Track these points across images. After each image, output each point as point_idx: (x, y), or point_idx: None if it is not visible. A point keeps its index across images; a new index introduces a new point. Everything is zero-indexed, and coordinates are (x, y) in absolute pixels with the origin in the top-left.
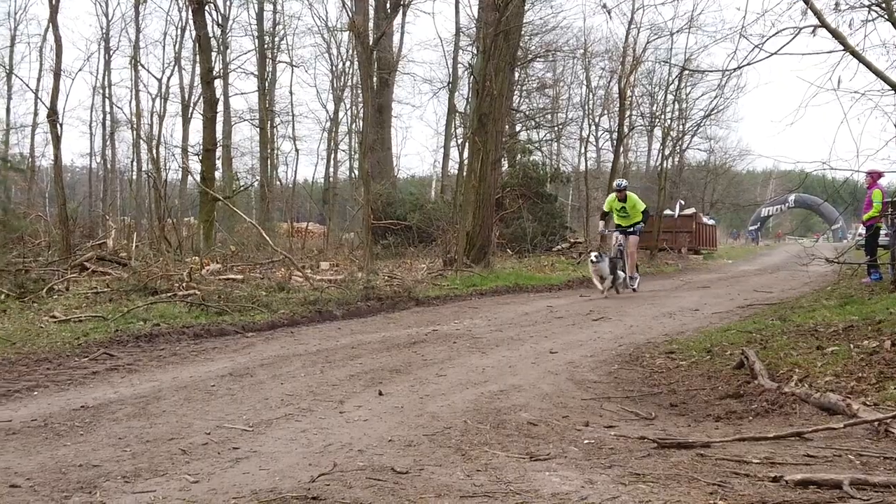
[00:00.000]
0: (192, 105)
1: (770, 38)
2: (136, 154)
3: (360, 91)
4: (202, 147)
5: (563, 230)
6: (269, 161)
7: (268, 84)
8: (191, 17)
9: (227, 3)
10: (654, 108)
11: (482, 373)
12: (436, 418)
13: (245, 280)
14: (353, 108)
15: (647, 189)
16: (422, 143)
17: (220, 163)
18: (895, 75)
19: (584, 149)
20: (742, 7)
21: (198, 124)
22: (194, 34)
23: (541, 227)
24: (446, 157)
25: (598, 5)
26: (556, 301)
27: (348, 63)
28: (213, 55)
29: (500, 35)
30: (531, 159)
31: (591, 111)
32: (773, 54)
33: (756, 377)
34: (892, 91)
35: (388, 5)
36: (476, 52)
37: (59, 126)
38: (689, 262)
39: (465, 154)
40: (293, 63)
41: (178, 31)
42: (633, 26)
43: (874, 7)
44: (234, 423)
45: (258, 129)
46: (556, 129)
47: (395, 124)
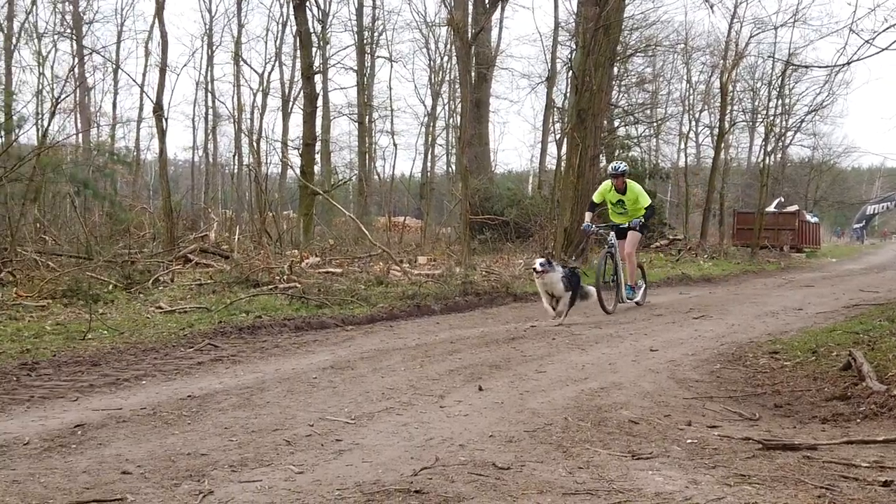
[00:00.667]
0: (292, 100)
1: (881, 32)
2: (237, 148)
3: (458, 86)
4: (302, 141)
5: (662, 227)
6: (368, 155)
7: (366, 79)
8: (292, 13)
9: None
10: (757, 104)
11: (582, 370)
12: (536, 414)
13: (344, 273)
14: (451, 103)
15: (749, 186)
16: (519, 139)
17: (319, 157)
18: None
19: (684, 145)
20: (853, 2)
21: (298, 119)
22: (295, 30)
23: None
24: (544, 152)
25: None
26: (655, 298)
27: (446, 58)
28: (314, 50)
29: (601, 30)
30: (630, 155)
31: (691, 106)
32: (884, 49)
33: (864, 379)
34: None
35: (487, 0)
36: (575, 46)
37: (164, 120)
38: (791, 260)
39: (563, 150)
40: (392, 58)
41: (280, 26)
42: (735, 20)
43: None
44: (336, 415)
45: (357, 123)
46: (656, 124)
47: (492, 119)
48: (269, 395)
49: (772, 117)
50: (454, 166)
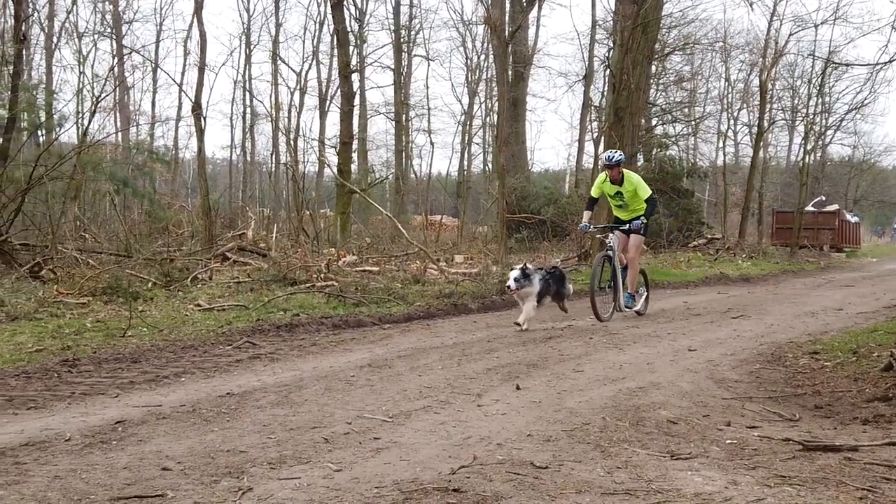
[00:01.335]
0: (330, 98)
1: None
2: (274, 146)
3: (494, 84)
4: (339, 140)
5: (700, 226)
6: (404, 154)
7: (403, 77)
8: (329, 11)
9: None
10: (796, 102)
11: (620, 369)
12: (574, 414)
13: (381, 272)
14: (488, 101)
15: (788, 185)
16: (556, 137)
17: (355, 155)
18: None
19: (722, 143)
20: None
21: (335, 117)
22: (332, 28)
23: (677, 222)
24: (581, 151)
25: None
26: (692, 298)
27: (483, 57)
28: (351, 49)
29: (639, 28)
30: (667, 154)
31: (729, 105)
32: None
33: None
34: None
35: None
36: (613, 45)
37: (202, 119)
38: (830, 259)
39: (601, 148)
40: (429, 57)
41: (317, 25)
42: (775, 18)
43: None
44: (374, 413)
45: (394, 122)
46: (694, 123)
47: (529, 118)
48: (308, 392)
49: (812, 116)
50: (491, 165)
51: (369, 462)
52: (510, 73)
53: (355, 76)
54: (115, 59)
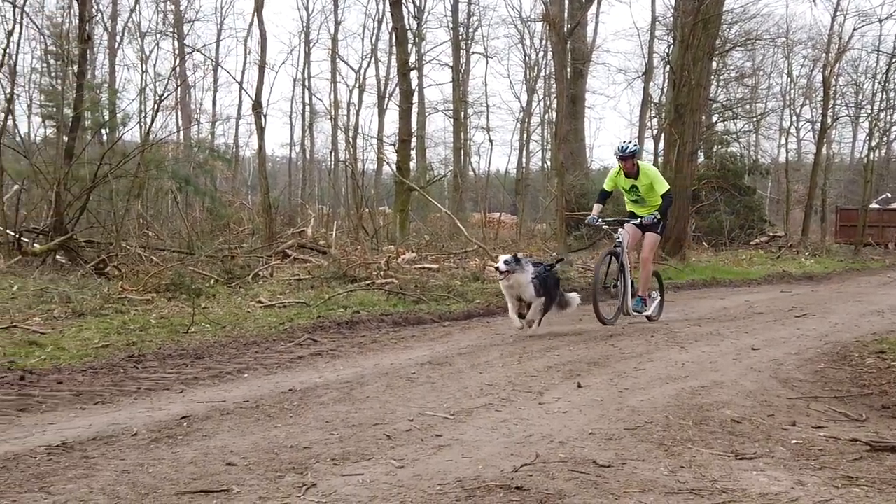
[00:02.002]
0: (388, 96)
1: None
2: (333, 144)
3: (553, 82)
4: (398, 137)
5: (762, 223)
6: (463, 151)
7: (462, 75)
8: (388, 9)
9: None
10: (860, 98)
11: (681, 368)
12: (636, 412)
13: (440, 269)
14: (547, 98)
15: (852, 182)
16: (615, 134)
17: (414, 153)
18: None
19: (784, 140)
20: None
21: (393, 115)
22: (391, 27)
23: (738, 220)
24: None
25: None
26: (754, 296)
27: (542, 54)
28: (409, 47)
29: (699, 24)
30: (728, 150)
31: (791, 101)
32: None
33: None
34: None
35: None
36: (673, 41)
37: (262, 117)
38: None
39: (661, 145)
40: (487, 54)
41: (375, 23)
42: (838, 13)
43: None
44: (435, 410)
45: (452, 119)
46: (755, 119)
47: (588, 115)
48: (369, 389)
49: (876, 112)
50: (549, 162)
51: (431, 459)
52: (569, 70)
53: (414, 74)
54: (177, 58)
